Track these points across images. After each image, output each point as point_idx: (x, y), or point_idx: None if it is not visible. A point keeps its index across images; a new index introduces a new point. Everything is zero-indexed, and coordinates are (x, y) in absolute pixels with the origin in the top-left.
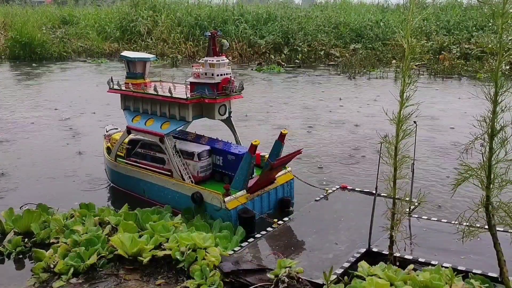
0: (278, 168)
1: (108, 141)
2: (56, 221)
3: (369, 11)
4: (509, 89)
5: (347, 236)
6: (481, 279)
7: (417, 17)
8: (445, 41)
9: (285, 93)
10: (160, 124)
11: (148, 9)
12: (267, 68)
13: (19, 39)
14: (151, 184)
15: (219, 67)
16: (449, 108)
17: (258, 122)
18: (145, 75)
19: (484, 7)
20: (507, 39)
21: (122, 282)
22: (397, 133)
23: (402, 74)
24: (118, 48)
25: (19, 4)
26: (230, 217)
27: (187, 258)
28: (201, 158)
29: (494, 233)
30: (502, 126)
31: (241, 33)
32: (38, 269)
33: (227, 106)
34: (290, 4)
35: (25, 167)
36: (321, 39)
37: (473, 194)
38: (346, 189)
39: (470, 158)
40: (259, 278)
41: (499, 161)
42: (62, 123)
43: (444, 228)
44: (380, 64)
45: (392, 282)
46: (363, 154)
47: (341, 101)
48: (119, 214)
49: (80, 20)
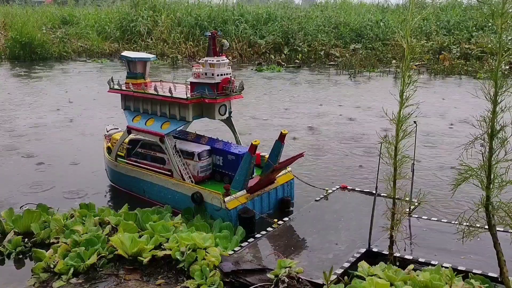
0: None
1: (108, 141)
2: (56, 221)
3: (369, 11)
4: (508, 88)
5: (347, 236)
6: (481, 279)
7: (417, 17)
8: (445, 41)
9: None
10: (160, 124)
11: (148, 9)
12: (267, 68)
13: (19, 39)
14: (151, 184)
15: (219, 67)
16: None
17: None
18: (146, 75)
19: (483, 7)
20: (506, 39)
21: (122, 282)
22: (397, 133)
23: (402, 74)
24: (118, 48)
25: (19, 4)
26: (230, 217)
27: (187, 258)
28: (201, 158)
29: (494, 233)
30: (502, 126)
31: (241, 33)
32: (38, 269)
33: (227, 106)
34: (290, 4)
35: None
36: (321, 39)
37: (472, 195)
38: (346, 189)
39: (470, 158)
40: (259, 278)
41: (499, 161)
42: (62, 123)
43: (444, 228)
44: (380, 64)
45: (392, 282)
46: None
47: (340, 101)
48: (119, 214)
49: (80, 20)
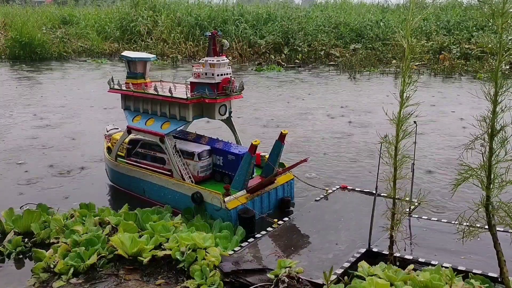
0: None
1: (108, 141)
2: (56, 221)
3: (369, 11)
4: (509, 88)
5: (347, 236)
6: (481, 279)
7: (417, 17)
8: (445, 41)
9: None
10: (161, 124)
11: (148, 9)
12: (267, 68)
13: (19, 39)
14: (151, 184)
15: (219, 67)
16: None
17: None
18: (146, 75)
19: (484, 7)
20: (507, 39)
21: (122, 282)
22: (397, 133)
23: (402, 74)
24: (118, 48)
25: (19, 4)
26: (230, 217)
27: (187, 258)
28: (201, 158)
29: (494, 233)
30: (502, 126)
31: (241, 33)
32: (38, 269)
33: (228, 106)
34: (290, 4)
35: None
36: (321, 39)
37: (472, 195)
38: (346, 189)
39: (471, 158)
40: (259, 278)
41: (499, 161)
42: (62, 123)
43: (444, 228)
44: (380, 64)
45: (392, 282)
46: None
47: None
48: (119, 214)
49: (80, 20)
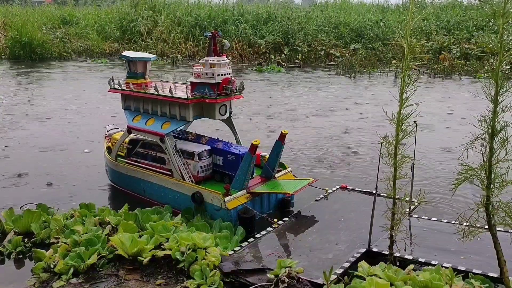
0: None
1: (108, 141)
2: (56, 221)
3: (369, 11)
4: (509, 89)
5: (347, 236)
6: (481, 279)
7: (417, 17)
8: (445, 41)
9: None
10: (161, 124)
11: (148, 9)
12: (267, 68)
13: (19, 39)
14: (151, 184)
15: (219, 67)
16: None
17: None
18: (146, 75)
19: (485, 7)
20: (507, 39)
21: (122, 282)
22: (397, 133)
23: (402, 74)
24: (118, 48)
25: (19, 4)
26: (230, 217)
27: (187, 258)
28: (201, 158)
29: (494, 233)
30: (502, 126)
31: (241, 33)
32: (38, 269)
33: (228, 106)
34: (290, 4)
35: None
36: (321, 39)
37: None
38: (346, 189)
39: (471, 157)
40: (259, 278)
41: (499, 161)
42: (63, 124)
43: (444, 228)
44: (380, 64)
45: (392, 282)
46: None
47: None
48: (119, 214)
49: (80, 20)
